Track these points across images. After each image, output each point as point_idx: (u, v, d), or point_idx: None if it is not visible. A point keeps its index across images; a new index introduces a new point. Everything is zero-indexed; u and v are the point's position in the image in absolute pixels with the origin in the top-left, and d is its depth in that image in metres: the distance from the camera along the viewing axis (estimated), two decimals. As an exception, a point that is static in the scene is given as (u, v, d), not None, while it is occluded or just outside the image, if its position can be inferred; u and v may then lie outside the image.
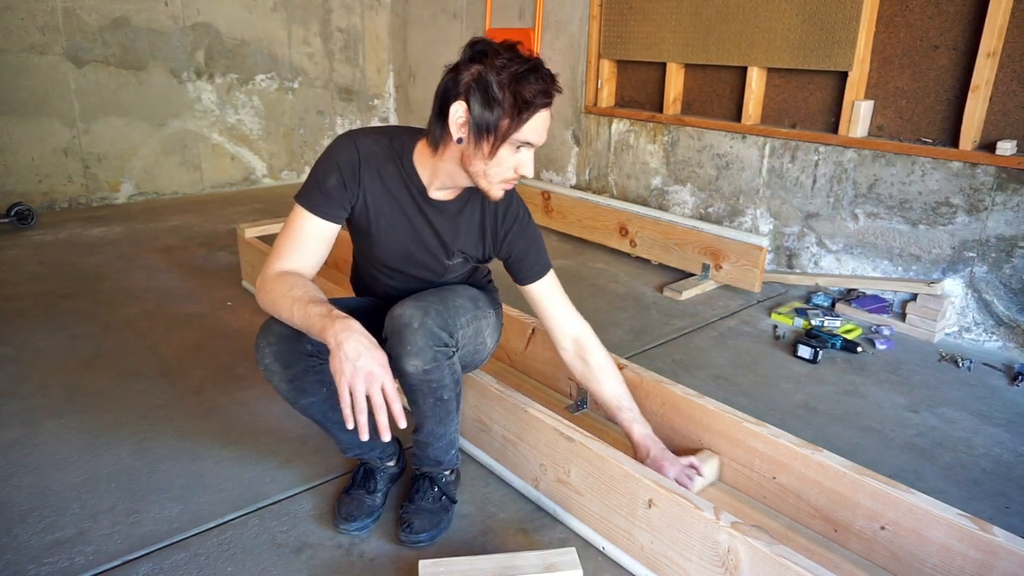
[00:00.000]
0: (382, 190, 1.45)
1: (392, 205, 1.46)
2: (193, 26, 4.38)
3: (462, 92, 1.30)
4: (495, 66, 1.28)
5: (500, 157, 1.33)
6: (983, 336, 2.59)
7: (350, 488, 1.64)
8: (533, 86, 1.29)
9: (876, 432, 2.02)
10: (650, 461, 1.55)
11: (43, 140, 4.00)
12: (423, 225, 1.49)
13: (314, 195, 1.41)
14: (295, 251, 1.39)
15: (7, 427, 1.94)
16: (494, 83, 1.28)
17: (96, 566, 1.45)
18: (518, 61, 1.29)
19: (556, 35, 3.96)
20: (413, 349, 1.37)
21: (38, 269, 3.18)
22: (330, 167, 1.41)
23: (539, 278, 1.60)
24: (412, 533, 1.52)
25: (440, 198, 1.48)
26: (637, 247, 3.42)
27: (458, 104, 1.30)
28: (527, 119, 1.30)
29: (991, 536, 1.29)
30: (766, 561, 1.21)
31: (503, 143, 1.31)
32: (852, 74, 2.78)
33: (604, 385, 1.63)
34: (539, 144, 1.36)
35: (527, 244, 1.57)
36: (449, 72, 1.33)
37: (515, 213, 1.54)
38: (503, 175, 1.37)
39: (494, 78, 1.27)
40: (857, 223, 2.88)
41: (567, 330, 1.64)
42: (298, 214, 1.41)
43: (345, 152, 1.42)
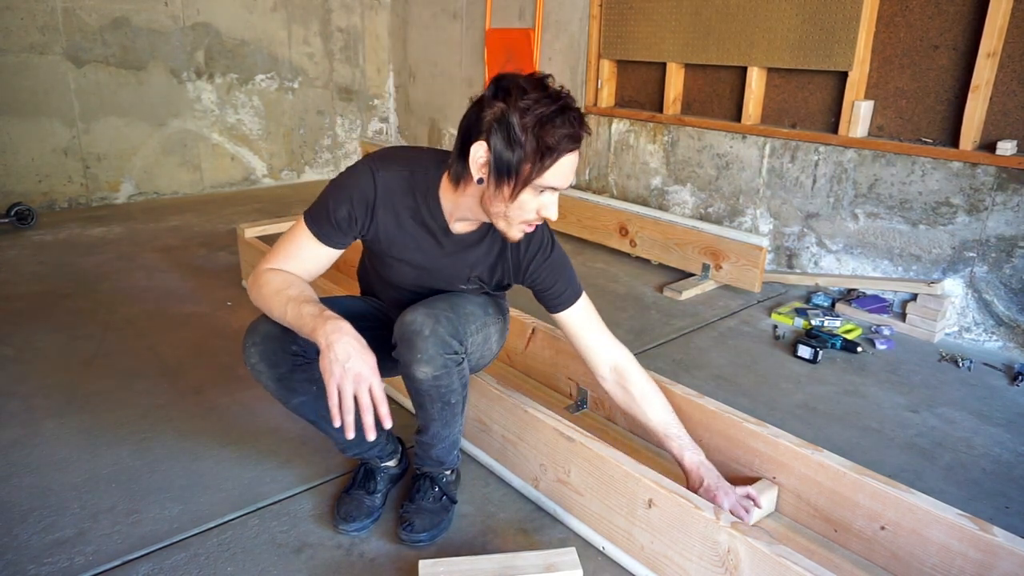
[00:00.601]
0: (396, 226, 1.41)
1: (407, 240, 1.43)
2: (193, 26, 4.38)
3: (484, 131, 1.25)
4: (519, 107, 1.21)
5: (521, 201, 1.28)
6: (983, 336, 2.59)
7: (350, 488, 1.64)
8: (559, 130, 1.22)
9: (876, 432, 2.02)
10: (703, 491, 1.47)
11: (43, 140, 4.00)
12: (440, 257, 1.47)
13: (322, 221, 1.38)
14: (292, 261, 1.39)
15: (7, 427, 1.94)
16: (516, 125, 1.22)
17: (96, 566, 1.45)
18: (544, 102, 1.22)
19: (556, 35, 3.96)
20: (424, 356, 1.37)
21: (38, 269, 3.18)
22: (343, 197, 1.37)
23: (568, 306, 1.53)
24: (413, 532, 1.52)
25: (461, 231, 1.44)
26: (637, 247, 3.42)
27: (479, 144, 1.25)
28: (550, 165, 1.24)
29: (991, 536, 1.29)
30: (766, 561, 1.21)
31: (524, 187, 1.26)
32: (852, 74, 2.77)
33: (650, 413, 1.55)
34: (564, 187, 1.31)
35: (553, 273, 1.51)
36: (473, 107, 1.29)
37: (539, 241, 1.49)
38: (523, 217, 1.32)
39: (517, 120, 1.21)
40: (857, 223, 2.88)
41: (605, 359, 1.55)
42: (302, 232, 1.40)
43: (362, 184, 1.38)
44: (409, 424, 1.96)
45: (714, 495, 1.46)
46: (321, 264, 1.41)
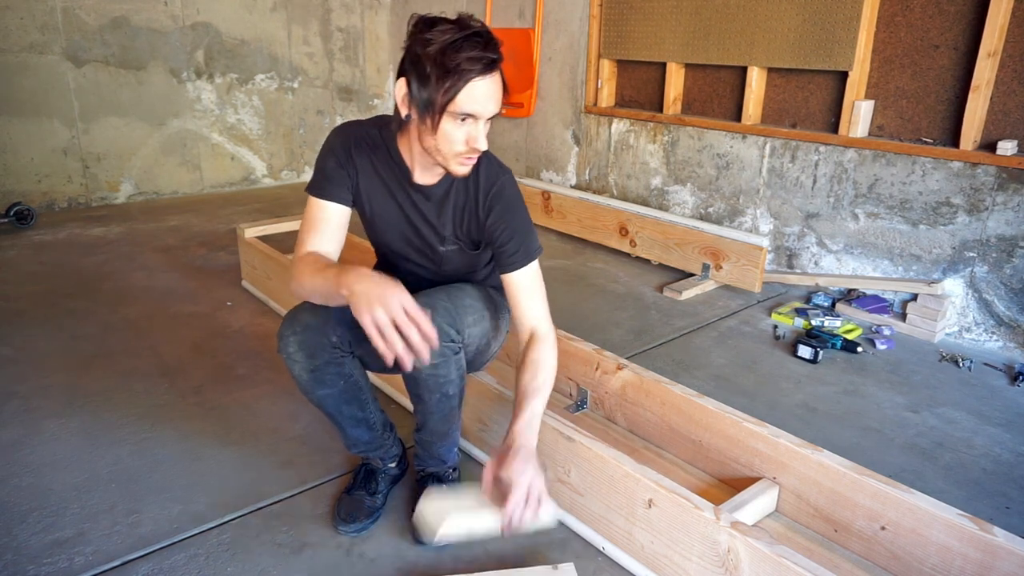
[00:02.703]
0: (373, 173, 1.49)
1: (383, 189, 1.50)
2: (193, 26, 4.38)
3: (402, 68, 1.32)
4: (424, 39, 1.26)
5: (445, 131, 1.31)
6: (983, 336, 2.59)
7: (351, 488, 1.64)
8: (462, 54, 1.24)
9: (876, 432, 2.02)
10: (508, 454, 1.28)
11: (43, 140, 4.00)
12: (412, 210, 1.51)
13: (318, 182, 1.47)
14: (314, 236, 1.45)
15: (7, 427, 1.94)
16: (423, 55, 1.26)
17: (96, 566, 1.45)
18: (451, 31, 1.25)
19: (556, 35, 3.96)
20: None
21: (38, 269, 3.18)
22: (326, 152, 1.48)
23: (519, 267, 1.47)
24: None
25: (425, 182, 1.48)
26: (637, 247, 3.42)
27: (400, 82, 1.32)
28: (457, 89, 1.26)
29: (991, 536, 1.29)
30: (766, 561, 1.21)
31: (442, 116, 1.29)
32: (852, 74, 2.77)
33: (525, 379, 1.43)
34: (485, 115, 1.31)
35: (510, 229, 1.47)
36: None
37: (499, 192, 1.47)
38: (455, 150, 1.33)
39: (422, 50, 1.26)
40: (857, 223, 2.88)
41: (529, 325, 1.49)
42: (309, 204, 1.48)
43: (339, 137, 1.49)
44: (408, 424, 1.97)
45: (511, 466, 1.26)
46: (337, 227, 1.47)
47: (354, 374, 1.49)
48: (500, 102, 1.34)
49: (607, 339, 2.55)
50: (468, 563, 1.48)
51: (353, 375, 1.49)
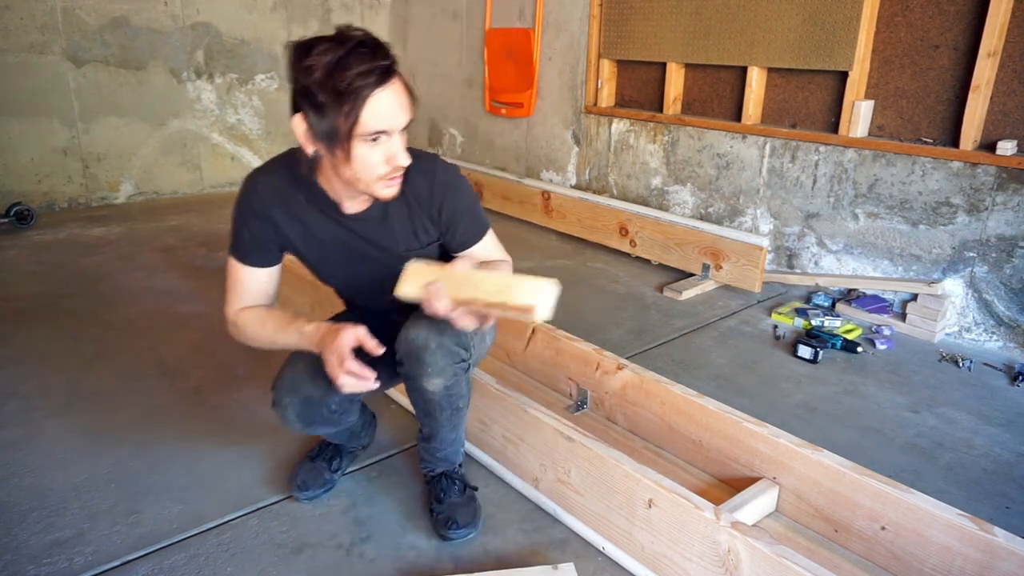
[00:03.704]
0: (298, 223, 1.39)
1: (315, 232, 1.40)
2: (193, 26, 4.38)
3: (295, 105, 1.22)
4: (305, 67, 1.16)
5: (360, 157, 1.22)
6: (983, 336, 2.59)
7: (315, 456, 1.69)
8: (351, 71, 1.15)
9: (876, 432, 2.02)
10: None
11: (43, 140, 4.00)
12: (356, 241, 1.42)
13: (240, 248, 1.42)
14: (245, 296, 1.45)
15: (7, 427, 1.94)
16: (314, 84, 1.16)
17: (96, 566, 1.45)
18: (332, 50, 1.15)
19: (556, 35, 3.96)
20: (433, 370, 1.38)
21: (38, 269, 3.18)
22: (240, 217, 1.40)
23: (476, 242, 1.48)
24: (460, 528, 1.53)
25: (357, 210, 1.39)
26: (637, 247, 3.42)
27: (296, 119, 1.22)
28: (358, 110, 1.17)
29: (991, 536, 1.29)
30: (766, 561, 1.21)
31: (351, 142, 1.20)
32: (852, 74, 2.77)
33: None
34: (396, 128, 1.23)
35: (461, 209, 1.44)
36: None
37: (444, 182, 1.42)
38: (376, 173, 1.25)
39: (306, 79, 1.16)
40: (857, 223, 2.88)
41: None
42: (231, 264, 1.44)
43: (247, 197, 1.38)
44: (408, 424, 1.97)
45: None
46: (269, 284, 1.47)
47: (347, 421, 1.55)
48: (409, 108, 1.25)
49: (607, 339, 2.55)
50: (468, 563, 1.48)
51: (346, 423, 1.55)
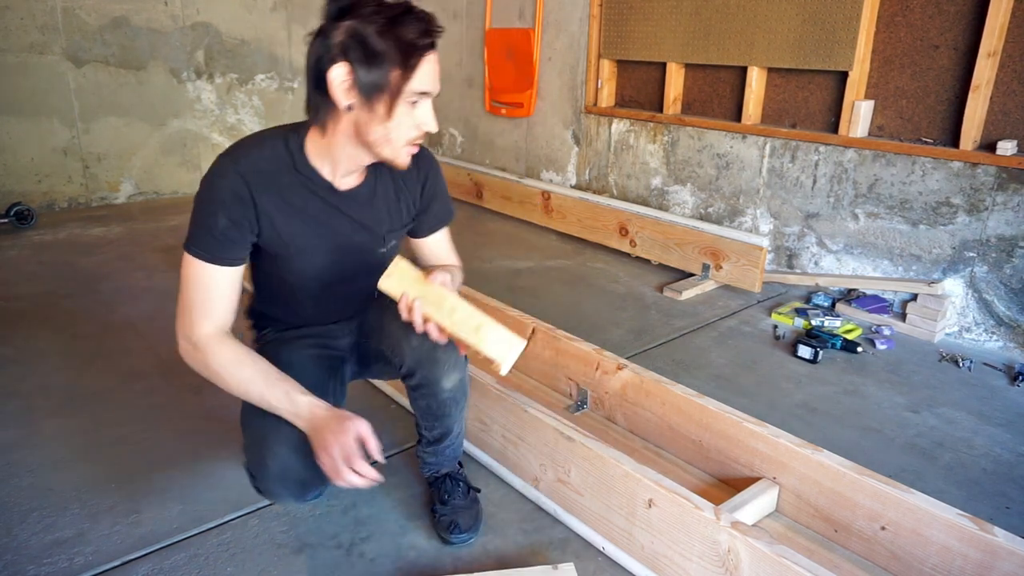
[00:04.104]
0: (285, 204, 1.30)
1: (302, 217, 1.32)
2: (193, 26, 4.38)
3: (338, 53, 1.17)
4: (367, 16, 1.16)
5: (399, 116, 1.21)
6: (983, 336, 2.59)
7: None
8: (414, 27, 1.17)
9: (876, 432, 2.02)
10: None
11: (43, 140, 4.00)
12: (343, 223, 1.37)
13: (206, 242, 1.25)
14: (209, 306, 1.27)
15: (7, 427, 1.94)
16: (372, 35, 1.15)
17: (96, 566, 1.45)
18: (388, 7, 1.17)
19: (556, 35, 3.96)
20: (448, 368, 1.39)
21: (38, 269, 3.18)
22: (215, 206, 1.24)
23: (442, 226, 1.53)
24: (462, 532, 1.52)
25: (350, 186, 1.36)
26: (637, 247, 3.42)
27: (338, 67, 1.17)
28: (417, 65, 1.18)
29: (991, 536, 1.29)
30: (766, 561, 1.21)
31: (398, 98, 1.19)
32: (852, 74, 2.77)
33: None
34: (435, 92, 1.24)
35: (439, 191, 1.48)
36: (315, 38, 1.20)
37: (428, 159, 1.45)
38: (407, 136, 1.24)
39: (372, 29, 1.15)
40: (857, 223, 2.88)
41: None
42: (194, 266, 1.25)
43: (227, 182, 1.24)
44: (408, 424, 1.96)
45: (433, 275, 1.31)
46: (233, 290, 1.30)
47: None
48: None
49: (607, 339, 2.55)
50: (468, 563, 1.48)
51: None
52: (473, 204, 4.40)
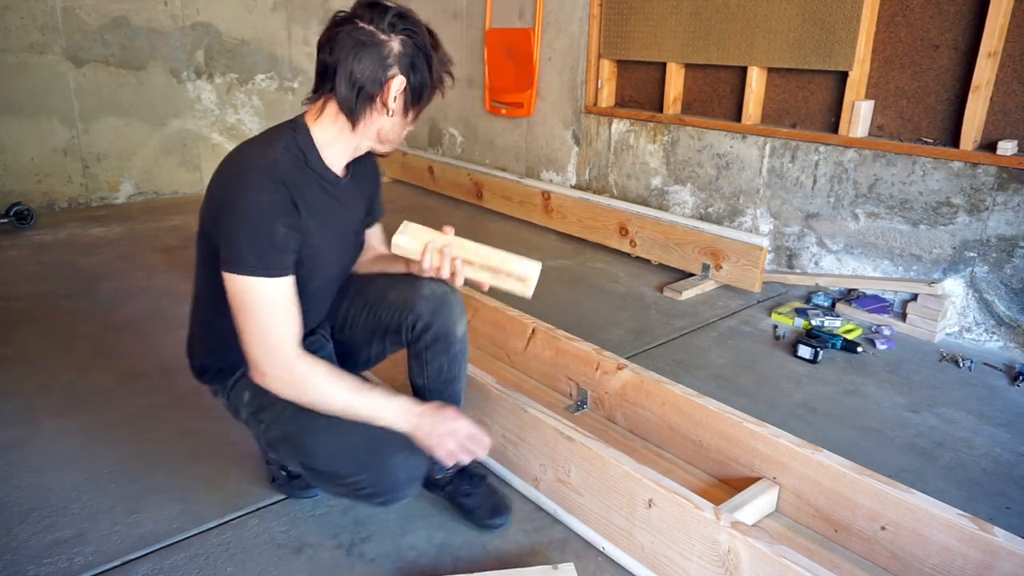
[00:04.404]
0: (307, 204, 1.31)
1: (319, 214, 1.35)
2: (193, 26, 4.38)
3: (398, 65, 1.27)
4: (423, 36, 1.29)
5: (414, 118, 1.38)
6: (984, 336, 2.59)
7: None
8: (445, 54, 1.35)
9: (876, 432, 2.02)
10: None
11: (43, 140, 4.00)
12: (344, 213, 1.44)
13: (270, 256, 1.22)
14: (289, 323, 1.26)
15: (7, 427, 1.94)
16: (433, 57, 1.30)
17: (96, 566, 1.45)
18: (429, 30, 1.32)
19: (556, 35, 3.96)
20: (459, 313, 1.50)
21: (38, 269, 3.18)
22: (270, 218, 1.23)
23: (379, 218, 1.63)
24: (504, 513, 1.59)
25: (342, 176, 1.41)
26: (637, 247, 3.42)
27: (399, 79, 1.28)
28: (443, 81, 1.36)
29: (991, 536, 1.29)
30: (766, 561, 1.21)
31: (424, 108, 1.37)
32: (852, 74, 2.77)
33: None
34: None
35: (380, 183, 1.62)
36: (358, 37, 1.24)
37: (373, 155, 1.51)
38: (405, 133, 1.40)
39: (426, 43, 1.29)
40: (857, 223, 2.88)
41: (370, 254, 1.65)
42: (261, 288, 1.22)
43: (270, 193, 1.23)
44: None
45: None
46: (296, 300, 1.28)
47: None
48: None
49: (607, 339, 2.55)
50: (468, 563, 1.48)
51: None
52: (473, 204, 4.40)
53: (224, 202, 1.24)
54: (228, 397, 1.48)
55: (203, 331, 1.48)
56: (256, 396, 1.40)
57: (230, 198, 1.23)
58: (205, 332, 1.47)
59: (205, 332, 1.47)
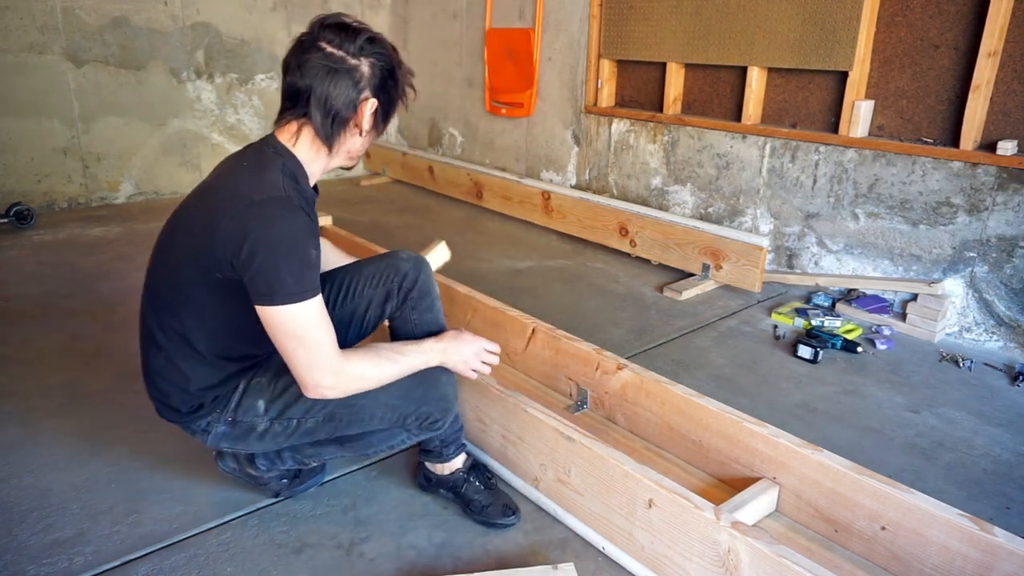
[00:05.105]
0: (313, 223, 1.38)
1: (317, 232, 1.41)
2: (193, 26, 4.38)
3: (367, 87, 1.34)
4: (390, 58, 1.36)
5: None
6: (984, 336, 2.59)
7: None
8: (408, 72, 1.42)
9: (876, 432, 2.02)
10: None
11: (43, 140, 4.00)
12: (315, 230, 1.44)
13: (311, 278, 1.28)
14: (332, 333, 1.32)
15: (7, 427, 1.94)
16: (400, 79, 1.38)
17: (96, 566, 1.45)
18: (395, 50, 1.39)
19: (556, 35, 3.96)
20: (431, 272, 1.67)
21: (38, 269, 3.18)
22: (304, 243, 1.28)
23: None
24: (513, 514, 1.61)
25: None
26: (637, 247, 3.42)
27: (372, 101, 1.35)
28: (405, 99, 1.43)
29: (991, 536, 1.29)
30: (766, 561, 1.21)
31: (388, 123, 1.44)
32: (852, 74, 2.77)
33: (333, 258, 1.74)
34: None
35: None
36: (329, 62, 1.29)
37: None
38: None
39: (395, 64, 1.37)
40: (857, 223, 2.88)
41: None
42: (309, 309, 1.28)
43: (300, 220, 1.29)
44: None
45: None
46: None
47: None
48: None
49: (607, 339, 2.55)
50: (468, 563, 1.48)
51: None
52: (473, 204, 4.40)
53: (254, 239, 1.24)
54: (233, 421, 1.45)
55: (191, 367, 1.41)
56: (275, 399, 1.43)
57: (260, 234, 1.24)
58: (192, 368, 1.41)
59: (192, 368, 1.41)
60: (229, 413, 1.45)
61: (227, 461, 1.61)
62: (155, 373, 1.44)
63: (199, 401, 1.44)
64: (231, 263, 1.27)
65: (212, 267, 1.30)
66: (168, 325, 1.40)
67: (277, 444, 1.49)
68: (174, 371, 1.42)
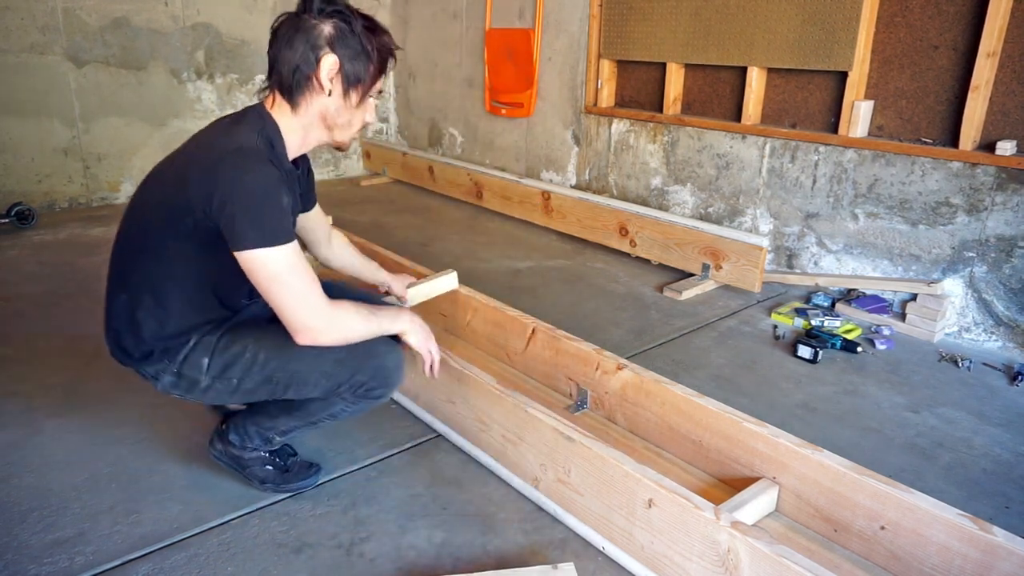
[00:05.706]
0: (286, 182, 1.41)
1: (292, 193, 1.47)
2: (193, 26, 4.38)
3: (326, 45, 1.36)
4: (353, 17, 1.37)
5: (364, 107, 1.45)
6: (983, 336, 2.59)
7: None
8: (388, 37, 1.43)
9: (876, 432, 2.02)
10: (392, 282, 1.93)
11: (43, 140, 4.00)
12: (293, 201, 1.46)
13: (285, 224, 1.32)
14: (314, 279, 1.36)
15: (7, 427, 1.94)
16: (361, 36, 1.37)
17: (96, 566, 1.45)
18: (365, 15, 1.41)
19: (556, 35, 3.96)
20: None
21: (38, 269, 3.18)
22: (276, 190, 1.31)
23: (315, 203, 1.75)
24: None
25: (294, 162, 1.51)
26: (637, 247, 3.42)
27: (332, 58, 1.36)
28: (387, 68, 1.44)
29: (991, 536, 1.29)
30: (766, 561, 1.21)
31: (369, 92, 1.43)
32: (852, 74, 2.77)
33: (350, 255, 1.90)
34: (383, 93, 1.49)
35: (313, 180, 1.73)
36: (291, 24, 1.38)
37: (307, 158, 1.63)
38: (361, 123, 1.47)
39: (361, 31, 1.37)
40: (857, 223, 2.88)
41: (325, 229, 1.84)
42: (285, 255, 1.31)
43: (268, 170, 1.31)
44: (408, 425, 1.96)
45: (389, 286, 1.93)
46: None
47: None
48: None
49: (607, 339, 2.55)
50: (468, 563, 1.48)
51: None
52: (473, 204, 4.40)
53: (226, 186, 1.29)
54: (179, 373, 1.46)
55: (148, 315, 1.43)
56: (217, 356, 1.45)
57: (232, 181, 1.29)
58: (149, 315, 1.43)
59: (149, 315, 1.43)
60: (176, 365, 1.47)
61: (215, 444, 1.68)
62: (113, 315, 1.48)
63: (149, 348, 1.46)
64: (204, 211, 1.31)
65: (183, 215, 1.34)
66: (134, 271, 1.44)
67: (222, 400, 1.55)
68: (130, 315, 1.45)
